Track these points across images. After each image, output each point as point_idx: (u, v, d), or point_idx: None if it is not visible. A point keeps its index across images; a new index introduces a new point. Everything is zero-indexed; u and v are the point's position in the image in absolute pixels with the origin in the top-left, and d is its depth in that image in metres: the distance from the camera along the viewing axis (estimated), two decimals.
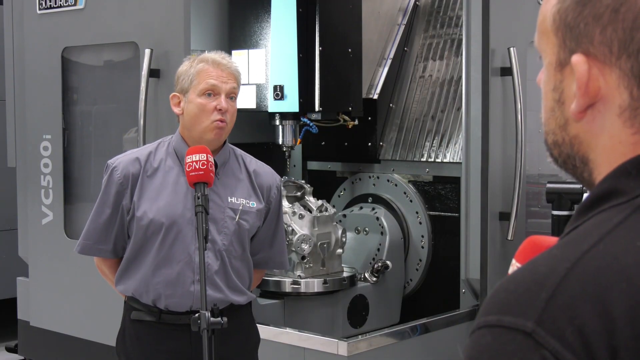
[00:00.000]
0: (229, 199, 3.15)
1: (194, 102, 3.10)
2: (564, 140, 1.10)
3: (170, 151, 3.18)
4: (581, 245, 0.97)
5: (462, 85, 4.60)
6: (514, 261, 1.17)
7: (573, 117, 1.07)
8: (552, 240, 1.13)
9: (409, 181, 5.19)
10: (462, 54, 4.62)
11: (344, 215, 5.25)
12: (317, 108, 4.71)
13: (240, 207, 3.16)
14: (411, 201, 5.12)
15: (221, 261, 3.13)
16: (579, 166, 1.10)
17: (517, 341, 0.92)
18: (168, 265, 3.10)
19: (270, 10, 4.72)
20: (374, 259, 5.03)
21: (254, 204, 3.20)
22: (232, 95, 3.14)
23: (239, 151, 3.30)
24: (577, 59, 1.05)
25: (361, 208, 5.25)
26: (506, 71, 4.50)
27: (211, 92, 3.09)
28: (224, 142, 3.23)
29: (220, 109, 3.08)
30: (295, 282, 4.59)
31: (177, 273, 3.09)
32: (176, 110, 3.17)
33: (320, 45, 4.70)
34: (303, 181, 5.00)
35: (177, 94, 3.17)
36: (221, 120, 3.09)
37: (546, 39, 1.11)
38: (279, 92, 4.64)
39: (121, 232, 3.17)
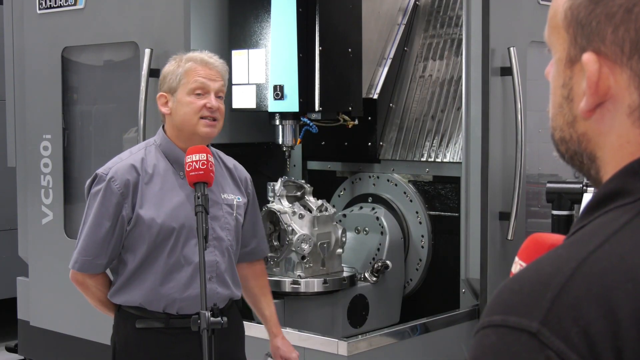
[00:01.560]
0: (222, 196, 3.17)
1: (183, 101, 3.10)
2: (572, 137, 1.10)
3: (160, 155, 3.16)
4: (587, 245, 0.97)
5: (462, 85, 4.61)
6: (517, 259, 1.17)
7: (582, 115, 1.07)
8: (555, 237, 1.13)
9: (409, 181, 5.19)
10: (462, 54, 4.62)
11: (344, 215, 5.25)
12: (317, 108, 4.70)
13: (234, 202, 3.18)
14: (411, 201, 5.11)
15: (228, 258, 3.15)
16: (586, 163, 1.10)
17: (522, 341, 0.92)
18: (180, 268, 3.08)
19: (270, 10, 4.72)
20: (374, 258, 5.03)
21: (240, 198, 3.25)
22: (220, 95, 3.14)
23: (214, 149, 3.30)
24: (588, 57, 1.04)
25: (361, 208, 5.25)
26: (506, 71, 4.50)
27: (200, 91, 3.10)
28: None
29: (210, 107, 3.08)
30: (295, 282, 4.59)
31: (189, 275, 3.08)
32: (164, 110, 3.16)
33: (320, 45, 4.70)
34: (303, 181, 5.00)
35: (165, 93, 3.16)
36: (212, 118, 3.10)
37: (557, 34, 1.10)
38: (279, 92, 4.64)
39: (118, 245, 3.11)
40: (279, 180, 4.75)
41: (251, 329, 3.75)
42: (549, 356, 0.91)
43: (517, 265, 1.15)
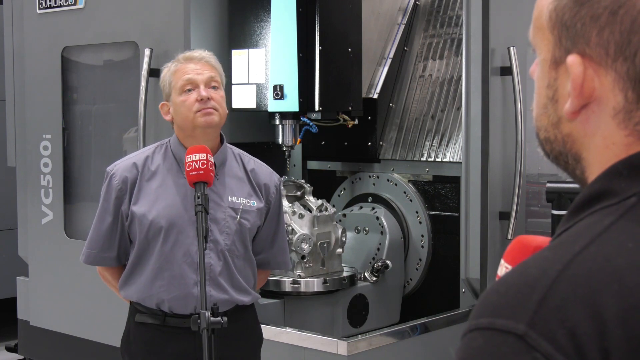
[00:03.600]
0: (230, 199, 3.14)
1: (177, 102, 3.11)
2: (556, 137, 1.10)
3: (169, 154, 3.17)
4: (572, 247, 0.97)
5: (462, 85, 4.60)
6: (502, 261, 1.17)
7: (566, 116, 1.07)
8: (541, 239, 1.13)
9: (409, 181, 5.18)
10: (462, 54, 4.61)
11: (344, 215, 5.25)
12: (317, 107, 4.70)
13: (241, 207, 3.15)
14: (411, 201, 5.11)
15: (224, 261, 3.12)
16: (571, 163, 1.10)
17: (509, 344, 0.92)
18: (170, 267, 3.09)
19: (270, 10, 4.72)
20: (373, 258, 5.02)
21: (254, 203, 3.19)
22: (213, 84, 3.12)
23: (237, 150, 3.29)
24: (573, 59, 1.05)
25: (361, 208, 5.25)
26: (506, 70, 4.50)
27: (190, 87, 3.09)
28: (222, 142, 3.22)
29: (201, 99, 3.06)
30: (295, 282, 4.59)
31: (179, 275, 3.08)
32: (167, 118, 3.18)
33: (320, 45, 4.70)
34: (303, 181, 5.00)
35: (165, 102, 3.18)
36: (206, 109, 3.07)
37: (541, 34, 1.10)
38: (279, 92, 4.64)
39: (124, 239, 3.17)
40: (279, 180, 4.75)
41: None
42: (536, 358, 0.91)
43: (503, 268, 1.15)
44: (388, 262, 4.91)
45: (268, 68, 4.73)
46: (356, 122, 4.95)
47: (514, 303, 0.95)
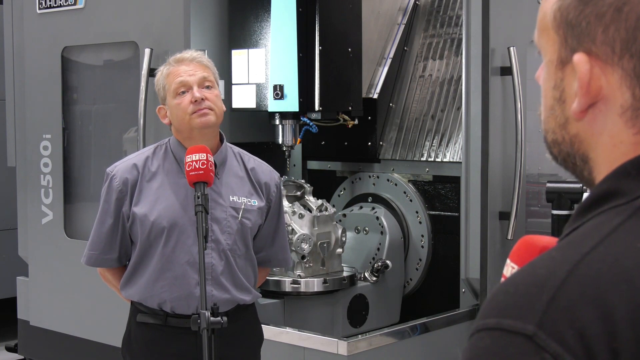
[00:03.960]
0: (231, 198, 3.14)
1: (172, 105, 3.11)
2: (564, 139, 1.10)
3: (169, 154, 3.17)
4: (581, 247, 0.97)
5: (462, 85, 4.60)
6: (508, 261, 1.17)
7: (574, 116, 1.06)
8: (547, 239, 1.12)
9: (409, 181, 5.18)
10: (462, 54, 4.61)
11: (344, 215, 5.25)
12: (317, 107, 4.70)
13: (243, 206, 3.15)
14: (411, 201, 5.11)
15: (226, 261, 3.12)
16: (578, 164, 1.10)
17: (517, 344, 0.92)
18: (172, 267, 3.09)
19: (270, 10, 4.72)
20: (373, 258, 5.02)
21: (255, 202, 3.19)
22: (207, 84, 3.12)
23: (236, 149, 3.29)
24: (579, 58, 1.04)
25: (361, 207, 5.25)
26: (506, 70, 4.50)
27: (184, 90, 3.09)
28: (222, 141, 3.22)
29: (195, 101, 3.06)
30: (295, 282, 4.59)
31: (181, 275, 3.08)
32: (164, 121, 3.19)
33: (320, 45, 4.70)
34: (303, 181, 5.00)
35: (162, 106, 3.19)
36: (201, 109, 3.07)
37: (546, 36, 1.10)
38: (279, 92, 4.64)
39: (125, 240, 3.17)
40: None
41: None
42: (545, 359, 0.90)
43: (509, 268, 1.15)
44: (388, 262, 4.91)
45: (268, 68, 4.73)
46: (356, 122, 4.95)
47: (522, 303, 0.94)
